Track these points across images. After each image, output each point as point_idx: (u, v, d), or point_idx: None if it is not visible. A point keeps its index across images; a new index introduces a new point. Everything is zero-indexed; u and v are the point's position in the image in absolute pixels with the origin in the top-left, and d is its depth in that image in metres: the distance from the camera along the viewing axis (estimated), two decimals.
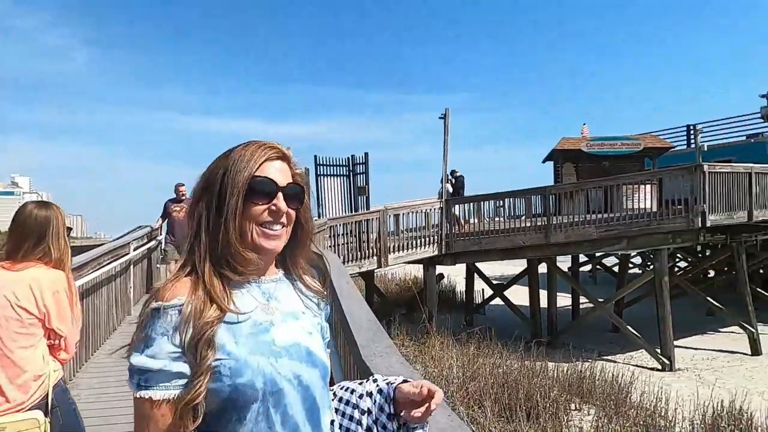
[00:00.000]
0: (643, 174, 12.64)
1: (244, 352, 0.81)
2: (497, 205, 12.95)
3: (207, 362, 0.78)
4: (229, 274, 0.86)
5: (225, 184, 0.86)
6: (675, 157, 20.24)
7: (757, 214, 10.93)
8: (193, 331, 0.78)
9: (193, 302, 0.81)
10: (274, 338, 0.85)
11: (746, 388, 8.92)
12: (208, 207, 0.87)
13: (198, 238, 0.86)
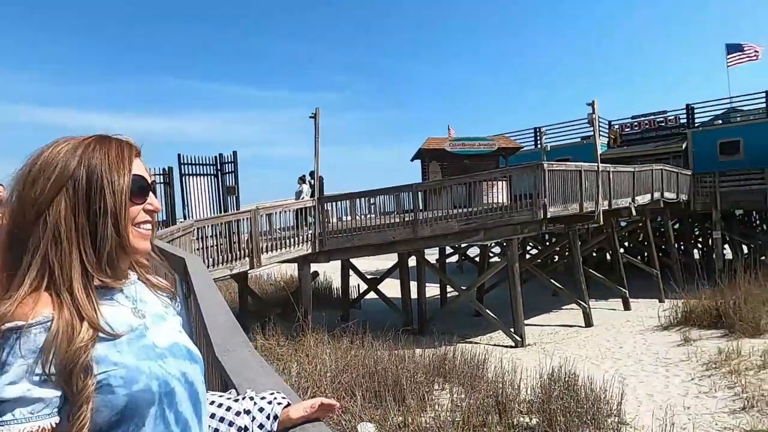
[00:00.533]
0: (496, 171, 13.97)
1: (132, 360, 0.76)
2: (370, 202, 13.42)
3: (87, 391, 0.70)
4: (107, 281, 0.80)
5: (97, 183, 0.78)
6: (525, 156, 22.63)
7: (586, 206, 12.69)
8: (65, 358, 0.69)
9: (61, 322, 0.71)
10: (153, 341, 0.82)
11: (578, 354, 10.42)
12: (74, 211, 0.77)
13: (58, 247, 0.75)
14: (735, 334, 10.12)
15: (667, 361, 9.33)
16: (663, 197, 17.28)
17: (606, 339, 11.78)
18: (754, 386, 7.05)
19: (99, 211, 0.78)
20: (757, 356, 8.28)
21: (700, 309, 11.79)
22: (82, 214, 0.78)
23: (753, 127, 20.98)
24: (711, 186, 19.50)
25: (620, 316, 14.82)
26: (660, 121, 23.87)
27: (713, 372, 8.15)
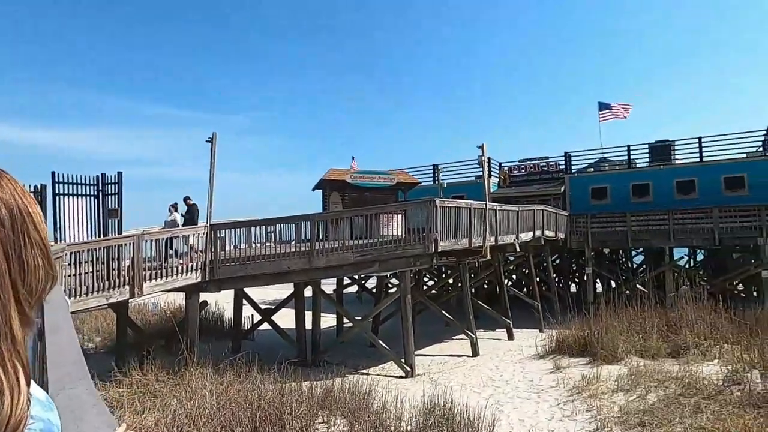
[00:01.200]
0: (392, 205, 14.49)
1: (40, 410, 0.70)
2: (268, 231, 13.22)
3: None
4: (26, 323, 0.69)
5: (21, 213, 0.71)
6: (423, 191, 23.66)
7: (475, 241, 13.53)
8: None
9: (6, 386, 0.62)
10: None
11: (463, 383, 10.92)
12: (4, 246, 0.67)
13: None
14: (597, 361, 11.21)
15: (539, 387, 10.06)
16: (543, 235, 18.90)
17: (489, 368, 12.45)
18: (607, 408, 7.84)
19: (33, 243, 0.71)
20: (612, 381, 9.23)
21: (570, 339, 12.91)
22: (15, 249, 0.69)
23: (617, 176, 23.86)
24: (584, 226, 21.72)
25: (504, 345, 15.78)
26: (543, 166, 26.31)
27: (576, 396, 8.93)
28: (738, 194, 20.85)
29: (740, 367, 8.55)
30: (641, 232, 20.72)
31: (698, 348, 10.99)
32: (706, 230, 19.52)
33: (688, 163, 22.73)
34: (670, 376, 8.78)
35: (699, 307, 12.98)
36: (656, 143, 23.74)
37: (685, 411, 6.87)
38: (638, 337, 12.01)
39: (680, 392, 7.88)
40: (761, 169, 20.72)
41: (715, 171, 21.59)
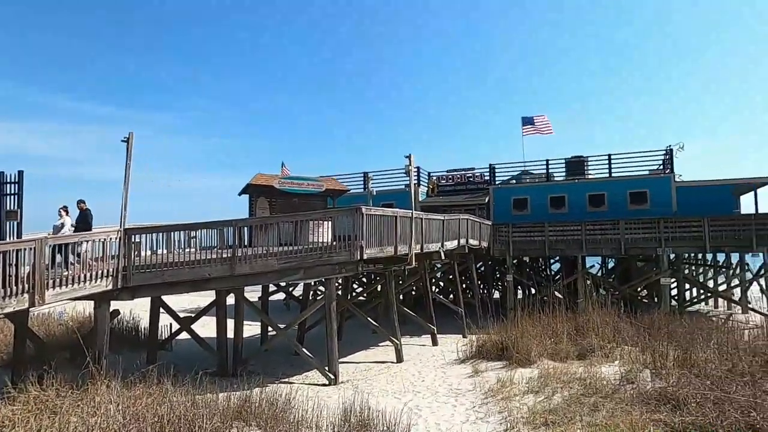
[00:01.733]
0: (318, 213, 14.44)
1: None
2: (190, 236, 12.73)
3: None
4: None
5: None
6: (353, 198, 23.79)
7: (401, 249, 13.78)
8: None
9: None
10: None
11: (385, 389, 11.06)
12: None
13: None
14: (512, 364, 11.77)
15: (458, 391, 10.40)
16: (468, 243, 19.58)
17: (412, 373, 12.69)
18: (517, 409, 8.25)
19: None
20: (524, 383, 9.73)
21: (489, 343, 13.46)
22: None
23: (537, 188, 25.25)
24: (506, 235, 22.74)
25: (428, 351, 16.15)
26: (469, 177, 27.31)
27: (491, 399, 9.33)
28: (641, 208, 22.76)
29: (635, 367, 9.32)
30: (557, 241, 22.02)
31: (602, 350, 11.82)
32: (614, 240, 21.09)
33: (599, 178, 24.50)
34: (575, 377, 9.39)
35: (604, 312, 13.99)
36: (572, 158, 25.38)
37: (585, 410, 7.38)
38: (550, 341, 12.74)
39: (582, 392, 8.45)
40: (661, 185, 22.76)
41: (621, 186, 23.44)
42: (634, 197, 23.14)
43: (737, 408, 6.27)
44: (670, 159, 23.05)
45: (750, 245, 19.41)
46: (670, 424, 6.33)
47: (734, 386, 7.00)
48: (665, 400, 7.30)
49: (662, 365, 9.18)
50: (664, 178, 22.89)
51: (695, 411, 6.47)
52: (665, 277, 20.42)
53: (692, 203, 21.89)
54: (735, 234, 19.56)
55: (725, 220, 19.96)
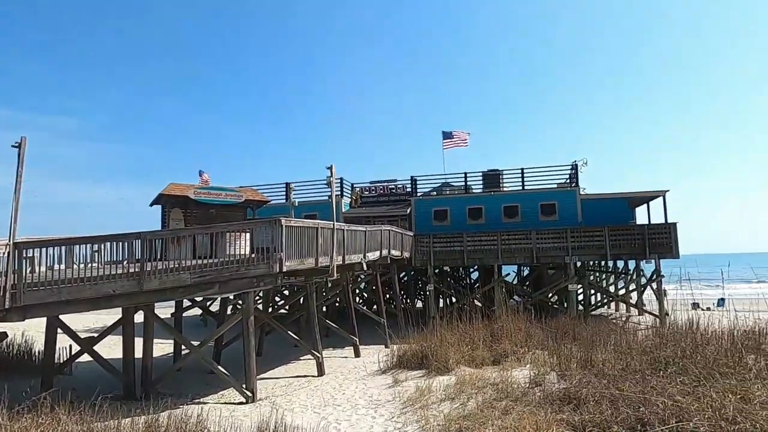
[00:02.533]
0: (237, 224, 14.00)
1: None
2: (94, 250, 11.82)
3: None
4: None
5: None
6: (275, 209, 23.34)
7: (322, 261, 13.66)
8: None
9: None
10: None
11: (305, 404, 10.84)
12: None
13: None
14: (432, 373, 12.00)
15: (377, 402, 10.42)
16: (390, 254, 19.83)
17: (333, 386, 12.56)
18: (434, 417, 8.41)
19: None
20: (441, 391, 9.95)
21: (410, 353, 13.64)
22: None
23: (456, 200, 26.17)
24: (427, 246, 23.31)
25: (350, 363, 16.08)
26: (392, 188, 27.77)
27: (409, 408, 9.44)
28: (551, 219, 24.28)
29: (543, 370, 9.85)
30: (475, 251, 22.92)
31: (515, 355, 12.39)
32: (527, 250, 22.31)
33: (513, 191, 25.86)
34: (489, 382, 9.75)
35: (517, 318, 14.70)
36: (488, 172, 26.60)
37: (496, 414, 7.67)
38: (468, 348, 13.14)
39: (495, 397, 8.78)
40: (567, 198, 24.44)
41: (533, 198, 24.90)
42: (544, 209, 24.65)
43: (629, 404, 6.80)
44: (576, 173, 24.84)
45: (643, 253, 21.31)
46: (571, 423, 6.73)
47: (627, 384, 7.59)
48: (568, 400, 7.76)
49: (567, 367, 9.78)
50: (571, 192, 24.60)
51: (593, 409, 6.94)
52: (572, 284, 21.87)
53: (595, 215, 23.70)
54: (631, 243, 21.40)
55: (623, 230, 21.80)
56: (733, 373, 7.72)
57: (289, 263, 12.01)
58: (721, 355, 8.61)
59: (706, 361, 8.28)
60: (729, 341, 9.57)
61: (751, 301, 22.44)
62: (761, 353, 8.87)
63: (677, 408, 6.36)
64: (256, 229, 12.64)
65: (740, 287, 38.88)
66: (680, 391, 6.99)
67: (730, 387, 6.87)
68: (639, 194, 23.59)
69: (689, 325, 11.31)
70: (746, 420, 5.60)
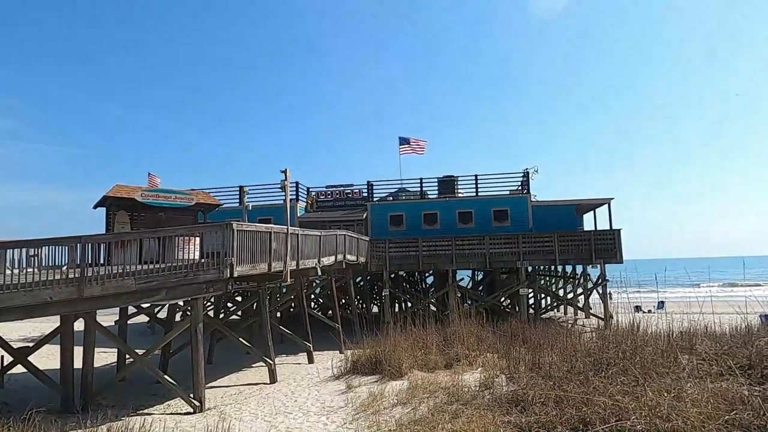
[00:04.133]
0: (186, 228, 13.58)
1: None
2: (30, 254, 11.15)
3: None
4: None
5: None
6: (228, 213, 22.80)
7: (275, 266, 13.45)
8: None
9: None
10: None
11: (255, 413, 10.60)
12: None
13: None
14: (385, 378, 12.01)
15: (330, 409, 10.32)
16: (346, 259, 19.75)
17: (285, 393, 12.35)
18: (386, 422, 8.42)
19: None
20: (393, 396, 9.97)
21: (364, 358, 13.61)
22: None
23: (411, 205, 26.40)
24: (383, 251, 23.36)
25: (304, 369, 15.87)
26: (348, 193, 27.70)
27: (361, 414, 9.40)
28: (503, 225, 24.88)
29: (492, 373, 10.05)
30: (430, 256, 23.16)
31: (467, 359, 12.58)
32: (480, 255, 22.74)
33: (467, 197, 26.34)
34: (441, 386, 9.85)
35: (469, 322, 14.94)
36: (444, 178, 26.99)
37: (447, 417, 7.75)
38: (421, 353, 13.25)
39: (446, 401, 8.87)
40: (519, 204, 25.13)
41: (487, 205, 25.45)
42: (497, 215, 25.23)
43: (572, 404, 7.03)
44: (527, 181, 25.58)
45: (590, 258, 22.15)
46: (518, 424, 6.89)
47: (571, 385, 7.85)
48: (516, 402, 7.95)
49: (516, 370, 10.02)
50: (522, 198, 25.31)
51: (539, 410, 7.13)
52: (523, 288, 22.45)
53: (545, 221, 24.47)
54: (578, 248, 22.21)
55: (571, 236, 22.59)
56: (668, 372, 8.12)
57: (240, 268, 11.75)
58: (658, 356, 9.05)
59: (645, 362, 8.67)
60: (666, 342, 10.08)
61: (688, 303, 23.76)
62: (694, 353, 9.39)
63: (617, 407, 6.63)
64: (206, 234, 12.31)
65: (679, 291, 41.07)
66: (620, 391, 7.28)
67: (666, 386, 7.22)
68: (586, 202, 24.54)
69: (630, 328, 11.85)
70: (678, 417, 5.89)
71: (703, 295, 31.22)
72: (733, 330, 12.08)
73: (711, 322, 13.15)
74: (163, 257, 11.56)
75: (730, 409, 6.16)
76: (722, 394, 6.78)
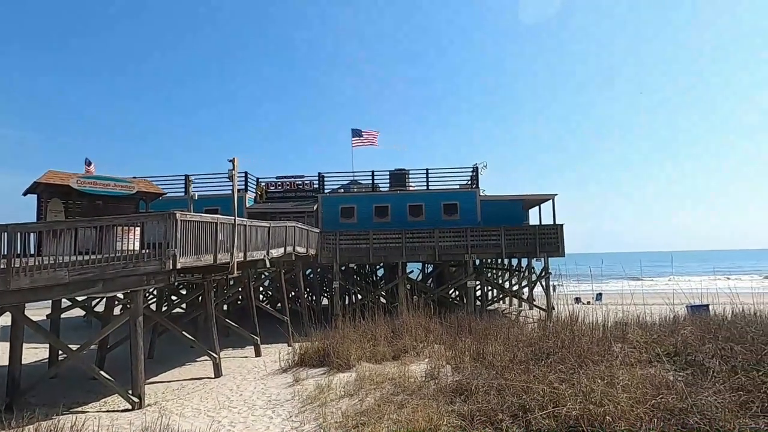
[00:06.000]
0: (125, 217, 12.96)
1: None
2: None
3: None
4: None
5: None
6: (172, 203, 22.01)
7: (221, 257, 13.10)
8: None
9: None
10: None
11: (198, 408, 10.32)
12: None
13: None
14: (333, 370, 11.97)
15: (276, 402, 10.19)
16: (295, 251, 19.51)
17: (230, 388, 12.09)
18: (332, 414, 8.39)
19: None
20: (341, 388, 9.96)
21: (312, 350, 13.51)
22: None
23: (363, 198, 26.39)
24: (333, 243, 23.25)
25: (250, 363, 15.60)
26: (299, 184, 27.35)
27: (308, 407, 9.33)
28: (453, 218, 25.33)
29: (439, 363, 10.23)
30: (381, 248, 23.26)
31: (414, 350, 12.73)
32: (430, 248, 23.06)
33: (418, 191, 26.62)
34: (388, 377, 9.92)
35: (418, 314, 15.13)
36: (395, 171, 27.13)
37: (392, 408, 7.82)
38: (369, 345, 13.28)
39: (392, 391, 8.95)
40: (468, 198, 25.63)
41: (437, 198, 25.81)
42: (447, 209, 25.65)
43: (513, 393, 7.26)
44: (476, 175, 26.12)
45: (534, 251, 22.94)
46: (461, 413, 7.05)
47: (513, 374, 8.11)
48: (460, 392, 8.13)
49: (461, 360, 10.24)
50: (471, 192, 25.83)
51: (481, 399, 7.32)
52: (471, 280, 22.98)
53: (493, 215, 25.10)
54: (524, 242, 22.94)
55: (517, 230, 23.29)
56: (602, 360, 8.54)
57: (184, 260, 11.37)
58: (594, 345, 9.50)
59: (581, 351, 9.08)
60: (601, 332, 10.60)
61: (621, 295, 25.10)
62: (626, 342, 9.92)
63: (555, 394, 6.91)
64: (147, 223, 11.81)
65: (615, 283, 43.33)
66: (558, 379, 7.59)
67: (600, 373, 7.59)
68: (532, 197, 25.35)
69: (570, 318, 12.37)
70: (610, 402, 6.21)
71: (639, 287, 33.03)
72: (663, 320, 12.88)
73: (643, 312, 13.95)
74: (101, 248, 11.00)
75: (656, 393, 6.55)
76: (650, 380, 7.20)
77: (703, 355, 8.58)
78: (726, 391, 6.50)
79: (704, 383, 6.95)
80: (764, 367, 7.40)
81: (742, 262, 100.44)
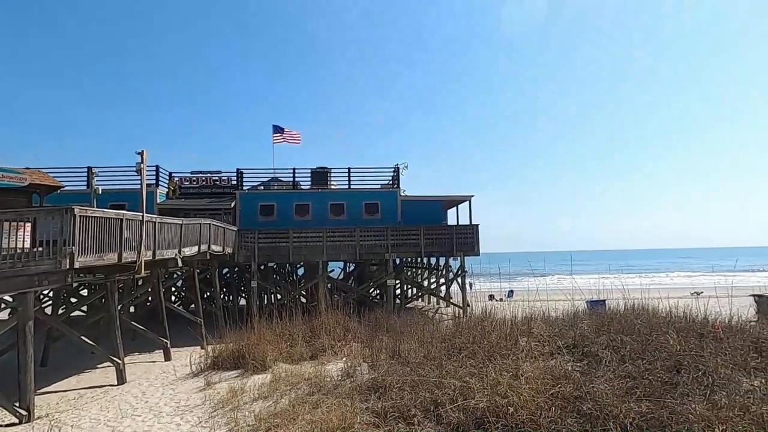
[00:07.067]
0: (13, 211, 11.74)
1: None
2: None
3: None
4: None
5: None
6: (72, 197, 20.30)
7: (126, 256, 12.26)
8: None
9: None
10: None
11: (97, 418, 9.60)
12: None
13: None
14: (248, 372, 11.64)
15: (185, 408, 9.72)
16: (210, 249, 18.71)
17: (134, 395, 11.36)
18: (244, 418, 8.15)
19: None
20: (255, 390, 9.70)
21: (226, 353, 13.05)
22: None
23: (283, 195, 25.90)
24: (252, 241, 22.59)
25: (158, 367, 14.75)
26: (216, 180, 26.28)
27: (219, 411, 9.00)
28: (374, 218, 25.55)
29: (355, 362, 10.28)
30: (301, 247, 22.95)
31: (332, 349, 12.70)
32: (351, 247, 23.10)
33: (340, 189, 26.57)
34: (304, 378, 9.82)
35: (337, 313, 15.11)
36: (317, 169, 26.87)
37: (307, 408, 7.75)
38: (286, 345, 13.08)
39: (308, 392, 8.87)
40: (389, 198, 25.99)
41: (358, 197, 25.91)
42: (368, 208, 25.82)
43: (426, 388, 7.47)
44: (397, 176, 26.54)
45: (452, 251, 23.73)
46: (375, 410, 7.13)
47: (426, 369, 8.34)
48: (375, 389, 8.22)
49: (377, 358, 10.36)
50: (392, 192, 26.21)
51: (395, 395, 7.46)
52: (390, 279, 23.32)
53: (413, 215, 25.63)
54: (442, 241, 23.65)
55: (435, 230, 23.97)
56: (509, 354, 9.02)
57: (83, 258, 10.52)
58: (502, 339, 10.01)
59: (491, 345, 9.54)
60: (509, 327, 11.18)
61: (530, 292, 26.67)
62: (531, 335, 10.55)
63: (465, 388, 7.19)
64: (40, 219, 10.77)
65: (528, 281, 45.97)
66: (469, 373, 7.92)
67: (506, 366, 8.01)
68: (450, 198, 26.19)
69: (482, 315, 12.95)
70: (514, 393, 6.58)
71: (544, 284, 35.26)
72: (565, 314, 13.84)
73: (548, 308, 14.91)
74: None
75: (555, 383, 7.03)
76: (551, 371, 7.71)
77: (598, 346, 9.33)
78: (615, 379, 7.11)
79: (597, 372, 7.56)
80: (648, 356, 8.19)
81: (635, 261, 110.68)
